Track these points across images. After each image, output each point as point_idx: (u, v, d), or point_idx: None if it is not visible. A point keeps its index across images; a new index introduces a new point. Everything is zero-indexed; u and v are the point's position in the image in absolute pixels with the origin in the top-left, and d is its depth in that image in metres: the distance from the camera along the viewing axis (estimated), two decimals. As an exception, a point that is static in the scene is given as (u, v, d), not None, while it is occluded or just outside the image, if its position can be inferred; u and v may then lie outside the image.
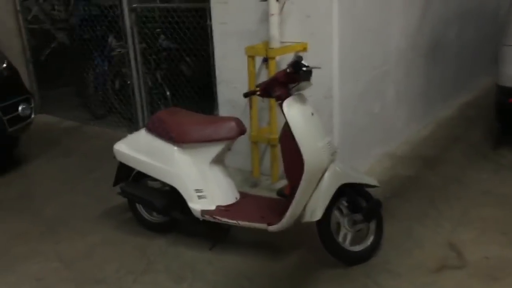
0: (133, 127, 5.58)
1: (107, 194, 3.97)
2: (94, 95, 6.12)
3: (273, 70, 3.61)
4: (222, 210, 3.07)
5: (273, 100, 3.53)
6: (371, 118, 4.21)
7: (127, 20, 5.12)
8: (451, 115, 5.40)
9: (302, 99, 2.87)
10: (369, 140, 4.25)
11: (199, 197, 3.06)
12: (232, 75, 4.19)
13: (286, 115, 2.77)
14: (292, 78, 2.79)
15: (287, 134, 2.79)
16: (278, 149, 3.80)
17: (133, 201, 3.39)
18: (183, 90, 5.45)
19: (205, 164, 3.10)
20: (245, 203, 3.18)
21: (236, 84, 4.16)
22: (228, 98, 4.29)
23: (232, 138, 3.06)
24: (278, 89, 2.84)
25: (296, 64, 2.71)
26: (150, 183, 3.40)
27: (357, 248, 2.93)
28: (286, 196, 3.78)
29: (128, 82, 5.46)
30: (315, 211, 2.77)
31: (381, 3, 4.09)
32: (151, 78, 5.54)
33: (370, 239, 2.97)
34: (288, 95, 2.83)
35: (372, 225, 2.98)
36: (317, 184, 2.80)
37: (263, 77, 3.92)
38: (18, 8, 6.25)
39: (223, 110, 4.37)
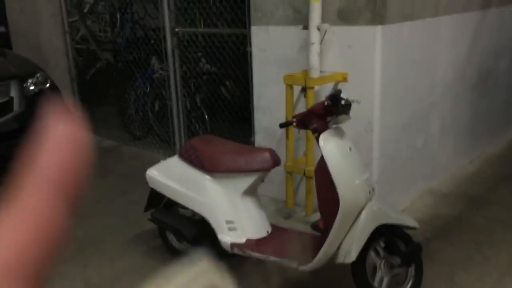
0: (170, 150, 5.57)
1: (139, 218, 3.93)
2: (134, 116, 6.17)
3: (312, 100, 3.51)
4: (253, 243, 2.96)
5: (310, 131, 3.42)
6: (413, 152, 4.03)
7: (169, 43, 5.15)
8: (499, 152, 5.13)
9: (340, 133, 2.75)
10: (411, 175, 4.06)
11: (230, 229, 2.96)
12: (269, 103, 4.11)
13: (322, 149, 2.65)
14: (330, 111, 2.67)
15: (322, 168, 2.67)
16: (313, 181, 3.70)
17: (163, 228, 3.33)
18: (221, 115, 5.42)
19: (237, 195, 3.01)
20: (277, 237, 3.06)
21: (273, 112, 4.09)
22: (264, 125, 4.22)
23: (266, 170, 2.95)
24: (315, 122, 2.74)
25: (335, 97, 2.60)
26: (182, 211, 3.34)
27: (393, 292, 2.76)
28: (321, 231, 3.67)
29: (167, 104, 5.48)
30: (350, 252, 2.62)
31: (428, 33, 3.94)
32: (190, 102, 5.54)
33: (408, 285, 2.78)
34: (325, 128, 2.71)
35: (411, 270, 2.79)
36: (353, 223, 2.65)
37: (302, 107, 3.82)
38: (67, 28, 6.42)
39: (259, 137, 4.30)
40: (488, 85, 4.98)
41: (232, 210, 2.99)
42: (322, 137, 2.67)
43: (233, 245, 2.93)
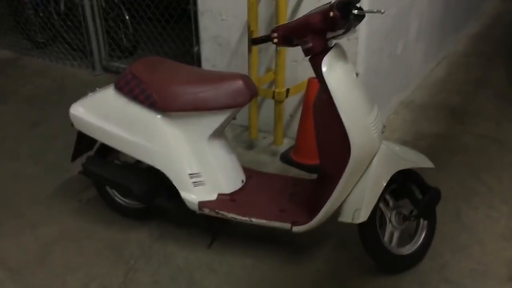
0: (87, 61, 4.55)
1: (61, 159, 3.08)
2: (33, 18, 4.95)
3: (284, 2, 2.69)
4: (227, 200, 2.28)
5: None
6: (393, 61, 3.41)
7: None
8: (465, 51, 4.66)
9: (343, 54, 2.02)
10: (388, 88, 3.47)
11: (195, 183, 2.24)
12: (221, 4, 3.22)
13: (326, 80, 1.92)
14: (333, 25, 1.91)
15: (324, 103, 1.96)
16: (282, 106, 3.00)
17: (98, 181, 2.54)
18: (147, 15, 4.41)
19: (202, 139, 2.24)
20: (255, 188, 2.39)
21: (227, 16, 3.22)
22: (214, 34, 3.35)
23: (240, 105, 2.19)
24: (311, 39, 1.97)
25: (346, 5, 1.83)
26: (122, 157, 2.54)
27: (406, 250, 2.24)
28: (293, 163, 3.06)
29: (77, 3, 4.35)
30: (360, 211, 2.02)
31: None
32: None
33: (421, 238, 2.28)
34: (324, 48, 1.97)
35: (423, 220, 2.29)
36: (363, 173, 2.04)
37: (268, 12, 3.00)
38: None
39: (207, 48, 3.44)
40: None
41: (196, 159, 2.24)
42: (325, 61, 1.92)
43: (202, 204, 2.23)
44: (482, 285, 2.15)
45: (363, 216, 2.02)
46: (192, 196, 2.24)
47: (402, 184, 2.18)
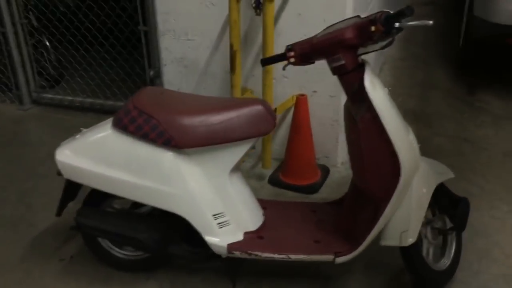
0: (12, 96, 4.02)
1: (19, 213, 2.66)
2: None
3: (271, 18, 2.53)
4: (255, 238, 2.06)
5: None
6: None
7: None
8: (399, 55, 4.84)
9: (373, 69, 1.93)
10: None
11: (220, 225, 2.00)
12: (186, 23, 2.98)
13: (371, 97, 1.79)
14: (371, 39, 1.80)
15: (369, 123, 1.83)
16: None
17: (97, 235, 2.18)
18: (71, 36, 3.99)
19: (224, 175, 2.01)
20: (276, 220, 2.19)
21: (193, 35, 2.99)
22: (178, 55, 3.10)
23: (265, 133, 1.99)
24: (344, 56, 1.84)
25: (389, 19, 1.72)
26: (116, 203, 2.22)
27: (442, 264, 2.18)
28: (285, 185, 2.90)
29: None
30: (407, 233, 1.92)
31: None
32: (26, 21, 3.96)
33: (452, 250, 2.24)
34: (356, 64, 1.86)
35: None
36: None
37: (252, 29, 2.83)
38: None
39: (170, 71, 3.18)
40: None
41: (219, 198, 2.00)
42: (367, 78, 1.80)
43: (231, 247, 1.99)
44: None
45: (411, 238, 1.93)
46: (218, 239, 1.99)
47: (435, 198, 2.13)
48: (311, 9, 2.70)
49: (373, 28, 1.73)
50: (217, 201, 1.99)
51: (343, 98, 2.87)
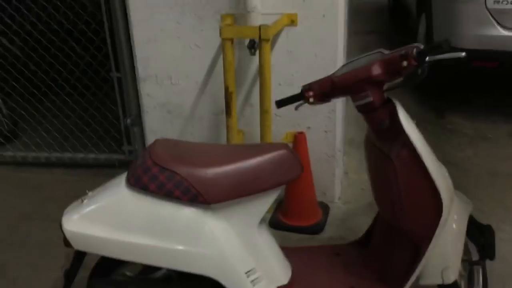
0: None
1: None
2: None
3: (268, 58, 2.45)
4: (290, 292, 1.93)
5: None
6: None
7: None
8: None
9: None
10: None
11: (254, 282, 1.85)
12: (169, 67, 2.85)
13: (409, 133, 1.75)
14: (396, 74, 1.77)
15: (407, 161, 1.77)
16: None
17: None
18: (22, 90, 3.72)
19: (253, 227, 1.87)
20: (304, 269, 2.07)
21: (177, 79, 2.87)
22: (161, 101, 2.95)
23: (294, 179, 1.88)
24: (372, 92, 1.79)
25: (423, 53, 1.68)
26: (128, 270, 2.01)
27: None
28: (286, 227, 2.79)
29: None
30: (448, 270, 1.87)
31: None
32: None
33: (480, 280, 2.20)
34: (382, 100, 1.82)
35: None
36: (442, 227, 1.90)
37: (245, 69, 2.74)
38: None
39: (153, 118, 3.01)
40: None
41: (249, 253, 1.86)
42: (401, 114, 1.76)
43: (267, 305, 1.85)
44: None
45: (453, 275, 1.87)
46: (253, 297, 1.84)
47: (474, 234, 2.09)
48: (302, 45, 2.65)
49: (405, 64, 1.69)
50: (247, 257, 1.84)
51: (338, 132, 2.86)
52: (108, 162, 3.48)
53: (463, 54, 1.68)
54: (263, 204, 1.86)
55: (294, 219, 2.78)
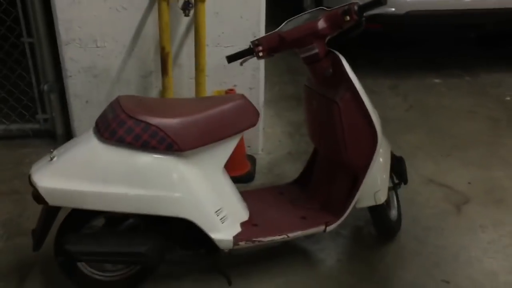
0: None
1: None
2: None
3: (203, 18, 2.59)
4: (251, 226, 2.15)
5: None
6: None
7: None
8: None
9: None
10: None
11: (222, 220, 2.05)
12: (93, 30, 2.84)
13: (352, 77, 2.06)
14: (338, 28, 2.05)
15: (350, 102, 2.07)
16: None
17: (92, 260, 2.02)
18: None
19: (219, 170, 2.06)
20: (258, 207, 2.30)
21: (103, 42, 2.87)
22: (86, 65, 2.93)
23: (253, 125, 2.09)
24: (317, 45, 2.06)
25: (363, 9, 1.97)
26: (95, 223, 2.08)
27: (393, 216, 2.55)
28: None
29: None
30: (379, 192, 2.25)
31: None
32: None
33: (395, 203, 2.62)
34: (325, 51, 2.10)
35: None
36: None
37: (178, 30, 2.82)
38: None
39: (77, 83, 2.98)
40: None
41: (217, 194, 2.05)
42: (344, 61, 2.06)
43: (236, 239, 2.06)
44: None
45: (383, 196, 2.25)
46: (223, 234, 2.04)
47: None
48: (228, 7, 2.82)
49: (347, 18, 1.97)
50: (216, 198, 2.03)
51: (261, 89, 3.10)
52: (21, 132, 3.35)
53: (393, 9, 2.01)
54: (227, 149, 2.06)
55: (228, 171, 2.99)
